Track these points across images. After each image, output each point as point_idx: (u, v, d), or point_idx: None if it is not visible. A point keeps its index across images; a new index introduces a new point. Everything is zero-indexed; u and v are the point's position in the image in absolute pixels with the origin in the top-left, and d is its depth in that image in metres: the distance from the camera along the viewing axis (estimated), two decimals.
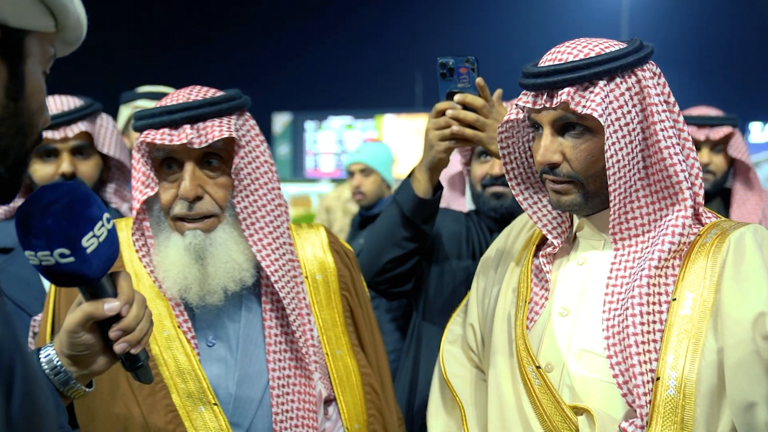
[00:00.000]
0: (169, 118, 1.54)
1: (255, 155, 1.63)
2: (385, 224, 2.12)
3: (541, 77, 1.50)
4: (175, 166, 1.59)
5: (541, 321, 1.61)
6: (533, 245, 1.72)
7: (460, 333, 1.87)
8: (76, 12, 0.99)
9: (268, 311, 1.66)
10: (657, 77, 1.52)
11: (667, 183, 1.50)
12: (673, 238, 1.47)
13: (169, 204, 1.59)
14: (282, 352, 1.65)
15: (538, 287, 1.65)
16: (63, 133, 2.29)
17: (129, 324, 1.20)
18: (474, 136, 1.91)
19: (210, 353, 1.62)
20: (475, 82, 1.90)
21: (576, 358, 1.53)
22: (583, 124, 1.49)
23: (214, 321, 1.64)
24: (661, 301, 1.45)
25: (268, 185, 1.64)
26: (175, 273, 1.57)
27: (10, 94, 0.90)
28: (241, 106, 1.62)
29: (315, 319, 1.73)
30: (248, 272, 1.62)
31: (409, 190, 2.05)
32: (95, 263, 1.12)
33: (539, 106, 1.51)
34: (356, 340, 1.80)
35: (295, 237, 1.79)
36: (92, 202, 1.13)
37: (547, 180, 1.56)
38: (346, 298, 1.79)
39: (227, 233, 1.61)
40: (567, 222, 1.67)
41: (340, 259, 1.81)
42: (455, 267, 2.32)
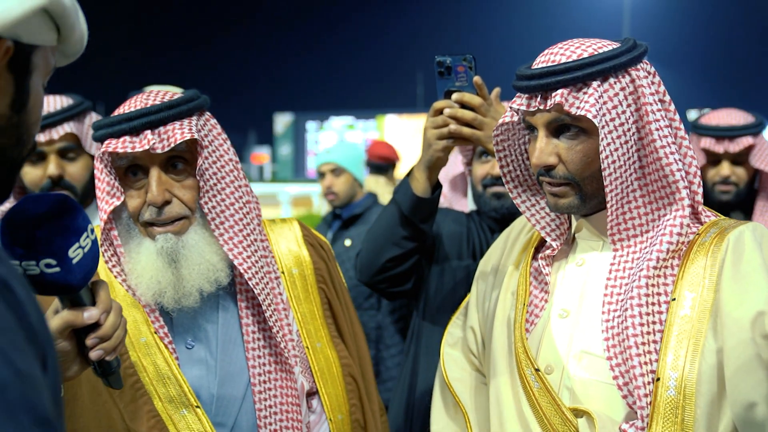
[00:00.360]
0: (128, 125, 1.52)
1: (219, 154, 1.62)
2: (384, 223, 2.12)
3: (535, 79, 1.49)
4: (140, 172, 1.57)
5: (540, 323, 1.60)
6: (532, 247, 1.71)
7: (461, 336, 1.86)
8: (80, 27, 1.00)
9: (244, 309, 1.66)
10: (651, 76, 1.51)
11: (664, 183, 1.49)
12: (671, 238, 1.46)
13: (138, 210, 1.58)
14: (261, 349, 1.65)
15: (537, 290, 1.64)
16: (49, 135, 2.25)
17: (106, 332, 1.23)
18: (472, 135, 1.91)
19: (190, 355, 1.62)
20: (473, 81, 1.90)
21: (576, 360, 1.53)
22: (578, 126, 1.48)
23: (192, 323, 1.63)
24: (661, 302, 1.45)
25: (234, 183, 1.63)
26: (148, 278, 1.56)
27: (15, 106, 0.92)
28: (201, 106, 1.61)
29: (294, 313, 1.73)
30: (223, 272, 1.61)
31: (408, 189, 2.04)
32: (79, 273, 1.15)
33: (533, 108, 1.51)
34: (336, 331, 1.81)
35: (269, 232, 1.79)
36: (78, 213, 1.15)
37: (544, 182, 1.56)
38: (324, 290, 1.80)
39: (199, 234, 1.60)
40: (565, 224, 1.67)
41: (315, 252, 1.81)
42: (455, 267, 2.31)
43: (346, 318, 1.84)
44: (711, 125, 2.89)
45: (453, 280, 2.30)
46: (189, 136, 1.53)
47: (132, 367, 1.57)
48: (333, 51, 22.97)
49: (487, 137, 1.90)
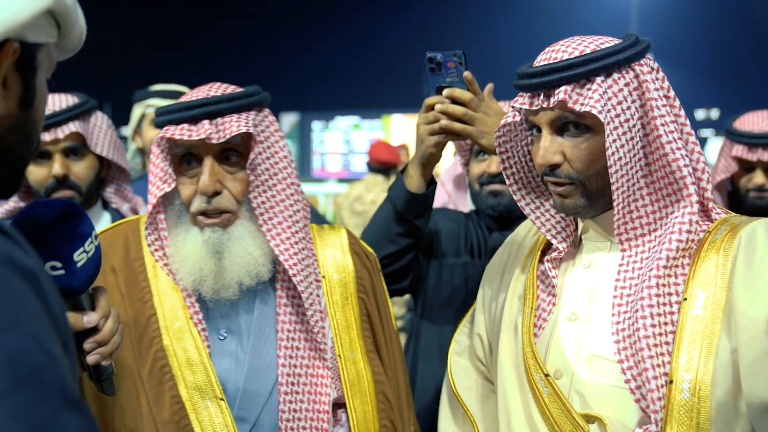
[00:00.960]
0: (188, 113, 1.56)
1: (273, 151, 1.64)
2: (379, 220, 2.11)
3: (537, 77, 1.46)
4: (195, 161, 1.60)
5: (548, 327, 1.57)
6: (538, 251, 1.68)
7: (468, 344, 1.83)
8: (79, 24, 1.03)
9: (282, 306, 1.65)
10: (655, 72, 1.48)
11: (671, 179, 1.46)
12: (680, 236, 1.43)
13: (189, 200, 1.60)
14: (293, 349, 1.64)
15: (544, 293, 1.61)
16: (54, 134, 2.25)
17: (104, 337, 1.26)
18: (463, 130, 1.90)
19: (221, 347, 1.62)
20: (463, 76, 1.89)
21: (586, 363, 1.49)
22: (583, 123, 1.46)
23: (227, 314, 1.64)
24: (672, 302, 1.41)
25: (286, 180, 1.65)
26: (191, 264, 1.58)
27: (23, 104, 0.94)
28: (260, 102, 1.63)
29: (330, 320, 1.71)
30: (264, 267, 1.62)
31: (402, 185, 2.04)
32: (82, 277, 1.19)
33: (536, 107, 1.48)
34: (372, 345, 1.76)
35: (316, 238, 1.78)
36: (83, 219, 1.19)
37: (549, 183, 1.53)
38: (364, 300, 1.77)
39: (245, 228, 1.61)
40: (571, 225, 1.63)
41: (359, 261, 1.80)
42: (453, 264, 2.31)
43: (385, 333, 1.80)
44: (744, 131, 2.78)
45: (451, 277, 2.30)
46: (244, 129, 1.55)
47: (162, 350, 1.58)
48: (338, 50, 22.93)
49: (478, 132, 1.89)
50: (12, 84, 0.92)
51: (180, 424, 1.54)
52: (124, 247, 1.68)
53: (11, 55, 0.90)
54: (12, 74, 0.92)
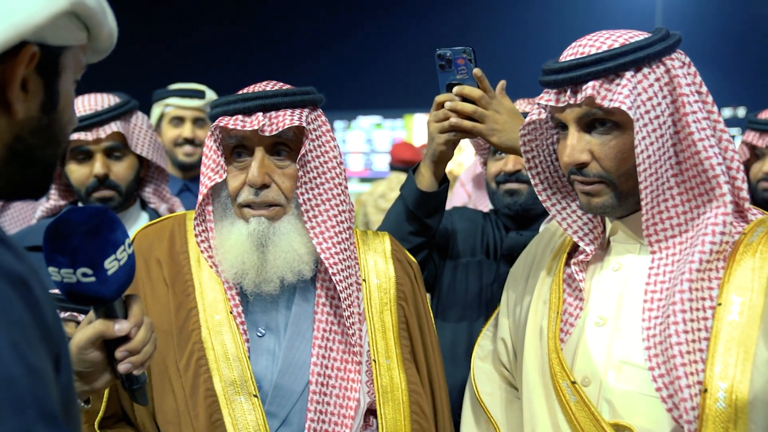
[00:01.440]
0: (243, 105, 1.58)
1: (324, 149, 1.64)
2: (391, 219, 2.09)
3: (563, 72, 1.41)
4: (246, 153, 1.61)
5: (575, 333, 1.51)
6: (564, 253, 1.62)
7: (491, 348, 1.78)
8: (109, 25, 1.02)
9: (320, 305, 1.64)
10: (687, 66, 1.43)
11: (703, 178, 1.40)
12: (713, 238, 1.37)
13: (237, 191, 1.61)
14: (327, 349, 1.62)
15: (571, 297, 1.55)
16: (95, 134, 2.27)
17: (135, 346, 1.26)
18: (473, 128, 1.87)
19: (259, 344, 1.62)
20: (473, 73, 1.87)
21: (615, 370, 1.43)
22: (611, 120, 1.40)
23: (267, 310, 1.64)
24: (705, 307, 1.35)
25: (334, 180, 1.65)
26: (233, 257, 1.58)
27: (45, 109, 0.93)
28: (314, 101, 1.64)
29: (367, 323, 1.69)
30: (307, 265, 1.61)
31: (413, 184, 2.02)
32: (113, 285, 1.19)
33: (563, 104, 1.43)
34: (409, 354, 1.72)
35: (359, 242, 1.78)
36: (117, 227, 1.19)
37: (576, 182, 1.47)
38: (403, 308, 1.73)
39: (291, 224, 1.61)
40: (599, 227, 1.57)
41: (401, 268, 1.78)
42: (468, 263, 2.29)
43: (425, 343, 1.75)
44: (758, 119, 2.78)
45: (465, 276, 2.28)
46: (297, 123, 1.56)
47: (200, 343, 1.58)
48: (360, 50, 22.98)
49: (488, 130, 1.86)
50: (33, 88, 0.91)
51: (212, 418, 1.54)
52: (169, 239, 1.70)
53: (29, 59, 0.88)
54: (33, 78, 0.91)
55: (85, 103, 2.31)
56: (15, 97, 0.88)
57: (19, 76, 0.88)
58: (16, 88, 0.88)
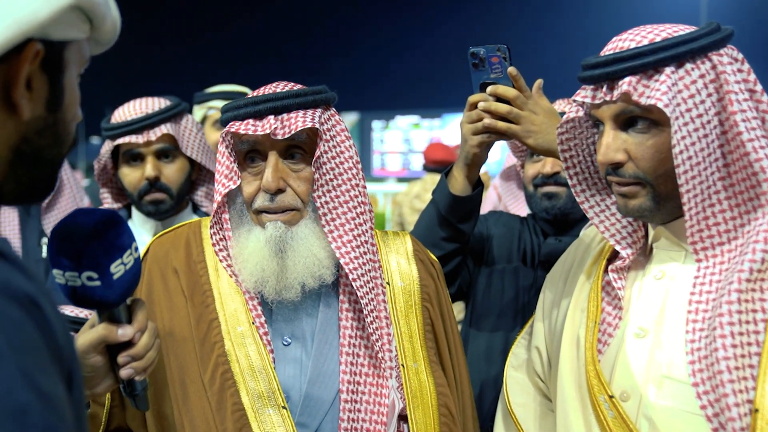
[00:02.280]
0: (253, 108, 1.54)
1: (339, 150, 1.59)
2: (423, 224, 2.02)
3: (600, 67, 1.34)
4: (259, 158, 1.57)
5: (614, 344, 1.42)
6: (604, 259, 1.54)
7: (525, 357, 1.70)
8: (111, 15, 0.99)
9: (344, 311, 1.59)
10: (738, 63, 1.34)
11: (753, 182, 1.30)
12: (765, 246, 1.27)
13: (252, 197, 1.57)
14: (354, 356, 1.57)
15: (610, 306, 1.47)
16: (146, 136, 2.27)
17: (138, 351, 1.25)
18: (507, 129, 1.79)
19: (285, 353, 1.57)
20: (508, 72, 1.79)
21: (656, 385, 1.34)
22: (649, 118, 1.33)
23: (291, 318, 1.59)
24: (757, 320, 1.25)
25: (351, 181, 1.60)
26: (252, 265, 1.54)
27: (50, 106, 0.90)
28: (327, 100, 1.60)
29: (393, 327, 1.64)
30: (328, 270, 1.57)
31: (445, 188, 1.95)
32: (118, 289, 1.17)
33: (599, 100, 1.36)
34: (435, 356, 1.67)
35: (380, 243, 1.72)
36: (124, 231, 1.18)
37: (612, 182, 1.40)
38: (428, 309, 1.69)
39: (309, 228, 1.57)
40: (640, 231, 1.49)
41: (424, 269, 1.72)
42: (503, 269, 2.21)
43: (450, 345, 1.71)
44: None
45: (501, 283, 2.20)
46: (310, 124, 1.52)
47: (224, 356, 1.54)
48: (398, 49, 22.82)
49: (524, 131, 1.78)
50: (38, 85, 0.88)
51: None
52: (185, 248, 1.66)
53: (33, 57, 0.85)
54: (37, 75, 0.88)
55: (136, 106, 2.30)
56: (20, 96, 0.85)
57: (24, 74, 0.85)
58: (22, 87, 0.85)
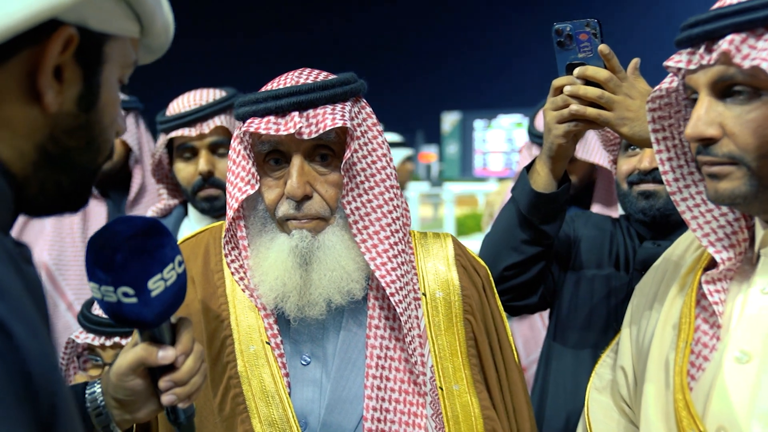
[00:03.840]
0: (275, 104, 1.35)
1: (371, 148, 1.42)
2: (501, 225, 1.83)
3: (699, 26, 1.14)
4: (282, 160, 1.40)
5: (710, 369, 1.21)
6: (701, 268, 1.31)
7: (610, 378, 1.50)
8: (163, 18, 0.91)
9: (373, 328, 1.42)
10: None
11: None
12: None
13: (275, 204, 1.40)
14: (383, 379, 1.40)
15: (706, 324, 1.25)
16: (199, 129, 2.21)
17: (181, 377, 1.13)
18: (598, 116, 1.58)
19: (304, 373, 1.42)
20: (598, 50, 1.58)
21: (761, 422, 1.13)
22: (752, 85, 1.11)
23: (312, 335, 1.44)
24: None
25: (385, 183, 1.42)
26: (272, 278, 1.38)
27: (82, 104, 0.83)
28: (357, 91, 1.42)
29: (430, 344, 1.45)
30: (358, 284, 1.40)
31: (526, 184, 1.75)
32: (157, 308, 1.07)
33: (695, 65, 1.16)
34: (480, 375, 1.49)
35: (417, 246, 1.54)
36: (166, 242, 1.08)
37: (702, 163, 1.18)
38: (470, 323, 1.49)
39: (337, 236, 1.40)
40: (742, 233, 1.27)
41: (466, 276, 1.52)
42: (593, 276, 1.97)
43: (497, 362, 1.52)
44: None
45: (590, 292, 1.96)
46: (340, 123, 1.34)
47: (237, 377, 1.40)
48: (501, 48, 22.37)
49: (617, 118, 1.56)
50: (70, 77, 0.81)
51: None
52: (203, 256, 1.52)
53: (64, 43, 0.78)
54: (71, 66, 0.80)
55: (190, 98, 2.25)
56: (46, 85, 0.78)
57: (52, 60, 0.78)
58: (48, 75, 0.78)
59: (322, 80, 1.39)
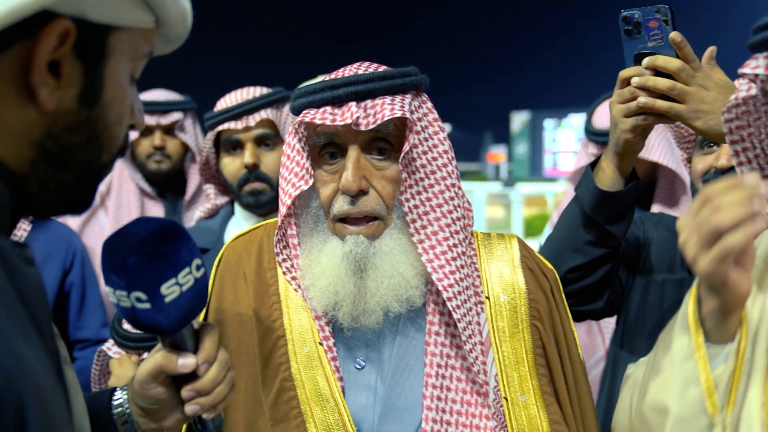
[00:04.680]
0: (331, 93, 1.30)
1: (432, 144, 1.36)
2: (564, 225, 1.74)
3: None
4: (338, 154, 1.35)
5: None
6: None
7: None
8: (178, 5, 0.86)
9: (433, 334, 1.35)
10: None
11: None
12: None
13: (330, 201, 1.34)
14: (443, 389, 1.32)
15: None
16: (245, 122, 2.20)
17: (204, 386, 1.08)
18: (669, 109, 1.49)
19: (358, 378, 1.36)
20: (670, 38, 1.49)
21: None
22: None
23: (367, 339, 1.37)
24: None
25: (446, 181, 1.36)
26: (324, 285, 1.32)
27: (83, 100, 0.79)
28: (418, 84, 1.36)
29: (494, 352, 1.38)
30: (418, 290, 1.34)
31: (590, 182, 1.65)
32: (173, 314, 1.02)
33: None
34: (549, 386, 1.40)
35: (480, 248, 1.47)
36: (182, 245, 1.02)
37: None
38: (538, 329, 1.41)
39: (395, 240, 1.34)
40: None
41: (533, 280, 1.44)
42: (663, 281, 1.85)
43: (566, 372, 1.43)
44: None
45: (660, 297, 1.85)
46: (399, 113, 1.28)
47: (290, 380, 1.34)
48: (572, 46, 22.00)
49: (690, 112, 1.47)
50: (69, 72, 0.77)
51: None
52: (257, 254, 1.47)
53: (59, 37, 0.74)
54: (69, 61, 0.77)
55: (236, 94, 2.25)
56: (40, 82, 0.75)
57: (45, 55, 0.74)
58: (41, 71, 0.74)
59: (382, 71, 1.35)
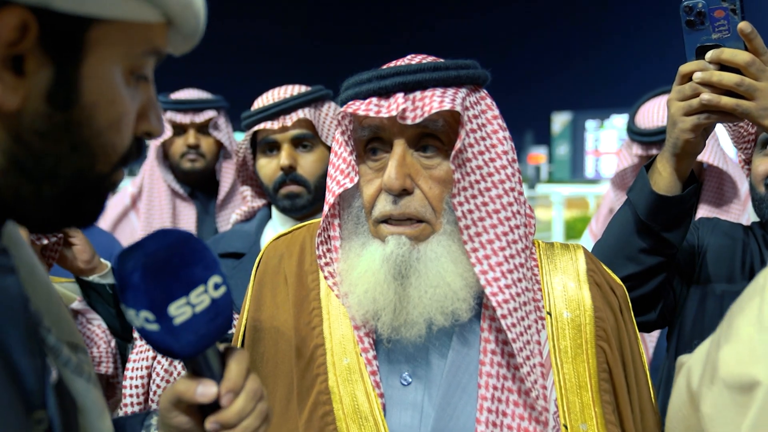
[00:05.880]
0: (378, 84, 1.21)
1: (490, 143, 1.25)
2: (615, 231, 1.65)
3: None
4: (383, 151, 1.26)
5: None
6: None
7: None
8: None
9: (488, 352, 1.23)
10: None
11: None
12: None
13: (372, 201, 1.25)
14: (499, 414, 1.21)
15: None
16: (281, 122, 2.12)
17: (229, 419, 0.96)
18: (735, 107, 1.40)
19: (403, 395, 1.25)
20: (737, 29, 1.39)
21: None
22: None
23: (413, 353, 1.27)
24: None
25: (504, 185, 1.25)
26: (362, 291, 1.23)
27: (54, 101, 0.70)
28: (475, 78, 1.25)
29: (554, 374, 1.27)
30: (465, 303, 1.22)
31: (645, 185, 1.56)
32: (185, 337, 0.91)
33: None
34: (613, 416, 1.27)
35: (542, 258, 1.35)
36: (197, 261, 0.91)
37: None
38: (604, 351, 1.29)
39: (443, 246, 1.23)
40: None
41: (601, 295, 1.32)
42: (722, 292, 1.75)
43: (632, 399, 1.31)
44: None
45: (718, 309, 1.73)
46: (448, 106, 1.18)
47: (327, 393, 1.25)
48: (613, 46, 21.73)
49: (759, 110, 1.38)
50: (34, 69, 0.68)
51: None
52: (299, 255, 1.38)
53: (17, 28, 0.66)
54: (34, 56, 0.68)
55: (273, 93, 2.19)
56: None
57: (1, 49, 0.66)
58: None
59: (433, 61, 1.25)
